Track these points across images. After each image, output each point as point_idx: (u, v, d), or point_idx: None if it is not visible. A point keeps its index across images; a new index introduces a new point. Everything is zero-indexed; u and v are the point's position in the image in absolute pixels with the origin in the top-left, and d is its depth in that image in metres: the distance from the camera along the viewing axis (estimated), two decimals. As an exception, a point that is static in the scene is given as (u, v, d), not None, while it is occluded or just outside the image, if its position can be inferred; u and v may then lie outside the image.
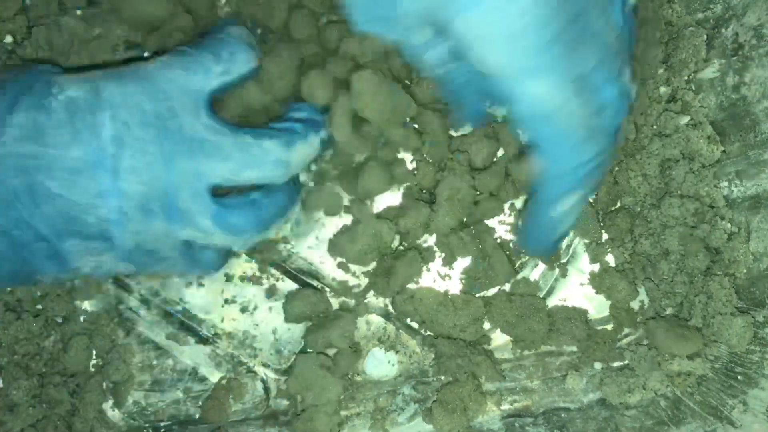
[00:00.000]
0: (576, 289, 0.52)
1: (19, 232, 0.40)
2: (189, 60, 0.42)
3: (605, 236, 0.52)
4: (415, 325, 0.52)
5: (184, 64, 0.42)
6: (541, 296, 0.52)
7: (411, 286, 0.51)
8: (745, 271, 0.47)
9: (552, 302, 0.52)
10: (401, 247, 0.52)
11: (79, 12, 0.51)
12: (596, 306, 0.52)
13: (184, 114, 0.41)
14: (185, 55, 0.43)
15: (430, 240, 0.52)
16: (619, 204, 0.52)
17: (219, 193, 0.42)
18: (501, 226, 0.52)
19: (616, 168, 0.51)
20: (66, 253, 0.41)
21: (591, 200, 0.52)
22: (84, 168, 0.39)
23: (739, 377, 0.46)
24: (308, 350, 0.51)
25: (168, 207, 0.41)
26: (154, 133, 0.40)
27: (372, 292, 0.52)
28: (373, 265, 0.51)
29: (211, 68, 0.43)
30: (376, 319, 0.52)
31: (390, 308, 0.52)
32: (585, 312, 0.51)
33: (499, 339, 0.52)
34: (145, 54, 0.49)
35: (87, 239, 0.41)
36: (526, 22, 0.35)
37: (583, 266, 0.52)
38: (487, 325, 0.52)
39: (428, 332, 0.52)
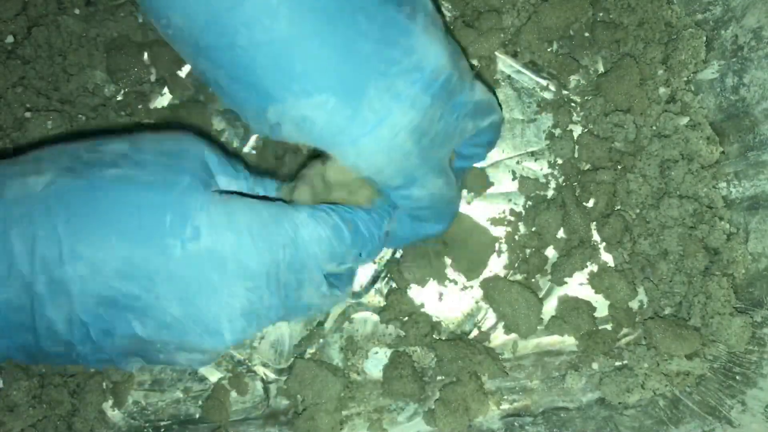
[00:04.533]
0: (575, 289, 0.52)
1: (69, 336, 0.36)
2: (341, 249, 0.39)
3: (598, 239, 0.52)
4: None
5: (337, 250, 0.39)
6: (540, 296, 0.52)
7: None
8: (743, 271, 0.47)
9: (551, 302, 0.52)
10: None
11: (77, 12, 0.51)
12: (596, 306, 0.52)
13: (309, 286, 0.39)
14: (341, 238, 0.39)
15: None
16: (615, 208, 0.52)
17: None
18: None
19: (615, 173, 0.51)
20: (123, 364, 0.39)
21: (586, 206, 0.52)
22: (180, 329, 0.36)
23: (737, 377, 0.46)
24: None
25: None
26: (276, 303, 0.38)
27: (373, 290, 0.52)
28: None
29: (349, 262, 0.40)
30: (375, 319, 0.52)
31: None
32: (592, 305, 0.51)
33: (498, 338, 0.52)
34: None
35: (150, 362, 0.39)
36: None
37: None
38: (486, 325, 0.52)
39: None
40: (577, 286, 0.52)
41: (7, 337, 0.36)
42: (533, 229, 0.52)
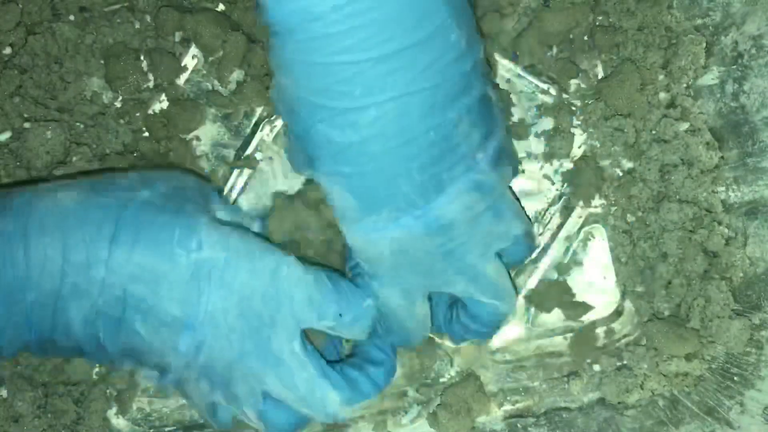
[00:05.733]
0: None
1: (82, 333, 0.41)
2: (321, 298, 0.43)
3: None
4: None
5: (315, 297, 0.43)
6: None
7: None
8: (741, 275, 0.48)
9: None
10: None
11: (72, 18, 0.51)
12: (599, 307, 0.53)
13: (280, 332, 0.42)
14: (322, 288, 0.43)
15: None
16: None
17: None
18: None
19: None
20: (118, 363, 0.43)
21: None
22: (174, 325, 0.41)
23: (735, 378, 0.47)
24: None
25: (224, 384, 0.43)
26: (244, 330, 0.41)
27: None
28: None
29: (329, 317, 0.43)
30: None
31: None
32: (589, 305, 0.52)
33: (499, 339, 0.53)
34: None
35: (145, 366, 0.43)
36: None
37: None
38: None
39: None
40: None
41: (30, 332, 0.41)
42: (534, 232, 0.53)
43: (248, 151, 0.52)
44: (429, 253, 0.43)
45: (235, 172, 0.52)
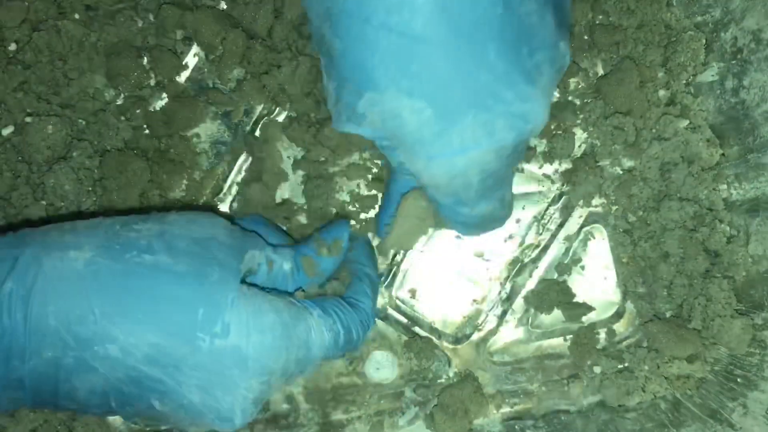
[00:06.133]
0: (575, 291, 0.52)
1: (93, 400, 0.38)
2: (335, 351, 0.42)
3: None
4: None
5: (331, 351, 0.42)
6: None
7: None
8: (744, 273, 0.47)
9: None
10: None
11: (77, 16, 0.51)
12: (600, 308, 0.52)
13: (306, 374, 0.42)
14: (338, 342, 0.42)
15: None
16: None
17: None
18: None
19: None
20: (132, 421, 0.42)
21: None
22: (192, 409, 0.38)
23: (738, 380, 0.46)
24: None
25: None
26: (279, 388, 0.41)
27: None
28: None
29: (338, 356, 0.43)
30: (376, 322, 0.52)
31: (389, 311, 0.52)
32: (590, 306, 0.52)
33: (499, 342, 0.52)
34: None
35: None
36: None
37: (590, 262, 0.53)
38: (486, 328, 0.52)
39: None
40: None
41: (30, 394, 0.37)
42: (533, 231, 0.52)
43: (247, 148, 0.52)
44: (509, 165, 0.41)
45: (235, 168, 0.52)
